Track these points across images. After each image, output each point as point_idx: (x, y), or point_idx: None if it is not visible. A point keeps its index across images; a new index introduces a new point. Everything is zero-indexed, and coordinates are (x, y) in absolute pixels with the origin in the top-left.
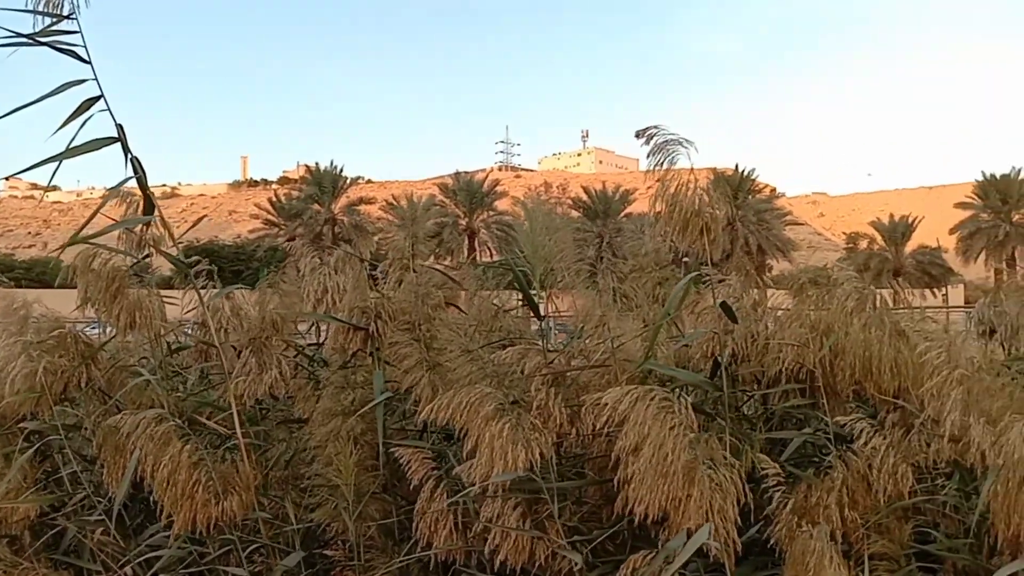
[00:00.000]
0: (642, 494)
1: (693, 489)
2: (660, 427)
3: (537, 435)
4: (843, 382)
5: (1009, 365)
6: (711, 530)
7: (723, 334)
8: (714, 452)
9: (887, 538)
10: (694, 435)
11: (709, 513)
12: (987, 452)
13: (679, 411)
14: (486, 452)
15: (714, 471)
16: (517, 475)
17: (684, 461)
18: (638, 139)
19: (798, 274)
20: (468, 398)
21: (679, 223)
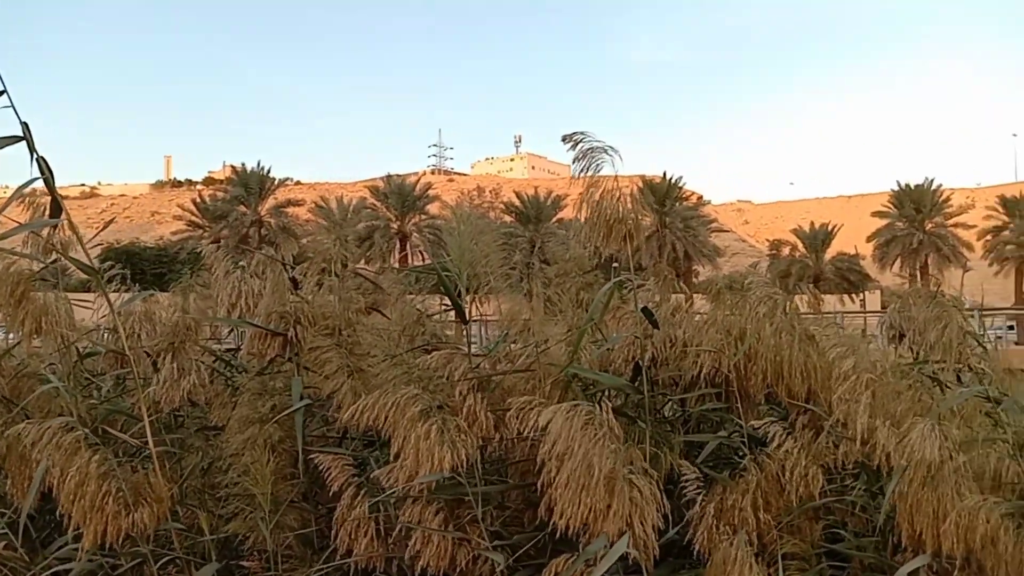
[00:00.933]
0: (564, 507)
1: (614, 500)
2: (586, 441)
3: (463, 437)
4: (756, 386)
5: (912, 368)
6: (630, 539)
7: (644, 338)
8: (635, 461)
9: (799, 538)
10: (616, 446)
11: (630, 520)
12: (892, 453)
13: (603, 422)
14: (412, 453)
15: (635, 481)
16: (442, 476)
17: (606, 472)
18: (564, 144)
19: (714, 280)
20: (394, 399)
21: (603, 229)
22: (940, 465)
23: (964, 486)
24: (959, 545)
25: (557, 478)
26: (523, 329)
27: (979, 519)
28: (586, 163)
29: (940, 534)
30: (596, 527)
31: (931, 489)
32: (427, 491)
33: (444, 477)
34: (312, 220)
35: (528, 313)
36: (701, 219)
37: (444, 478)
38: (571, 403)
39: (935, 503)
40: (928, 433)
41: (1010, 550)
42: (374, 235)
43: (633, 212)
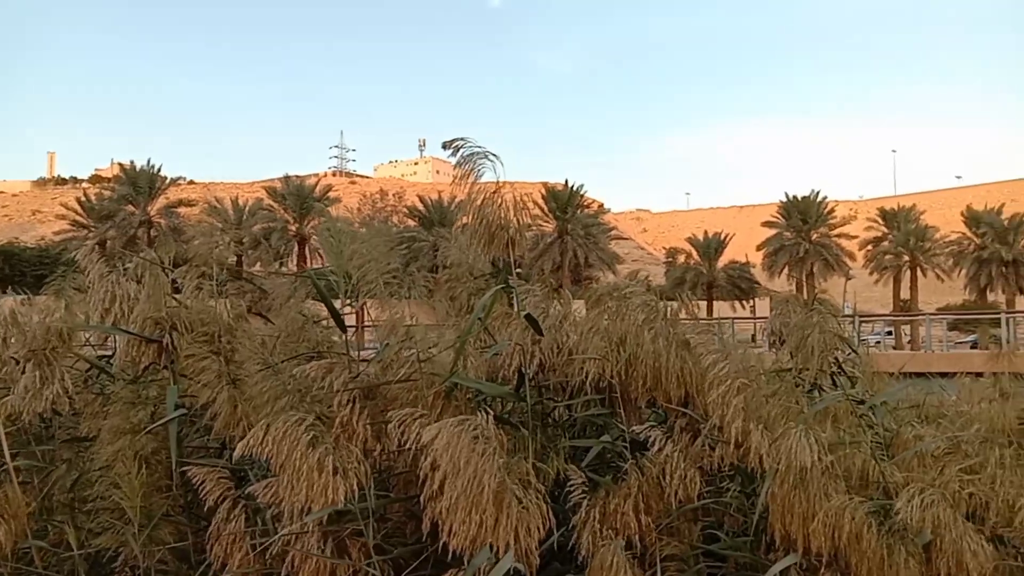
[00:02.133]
0: (454, 525)
1: (502, 514)
2: (475, 458)
3: (357, 465)
4: (637, 391)
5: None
6: (516, 551)
7: (531, 345)
8: (522, 474)
9: (678, 539)
10: (504, 460)
11: (517, 532)
12: (765, 456)
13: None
14: (304, 487)
15: (522, 494)
16: (336, 508)
17: (495, 488)
18: (446, 150)
19: (596, 287)
20: (283, 428)
21: (485, 235)
22: (810, 467)
23: (832, 487)
24: (826, 543)
25: (445, 496)
26: (405, 337)
27: (844, 518)
28: (468, 169)
29: (809, 533)
30: (483, 541)
31: (801, 490)
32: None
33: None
34: (205, 221)
35: (411, 320)
36: (601, 227)
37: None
38: (459, 418)
39: (805, 503)
40: (801, 438)
41: (872, 547)
42: (270, 237)
43: (515, 218)
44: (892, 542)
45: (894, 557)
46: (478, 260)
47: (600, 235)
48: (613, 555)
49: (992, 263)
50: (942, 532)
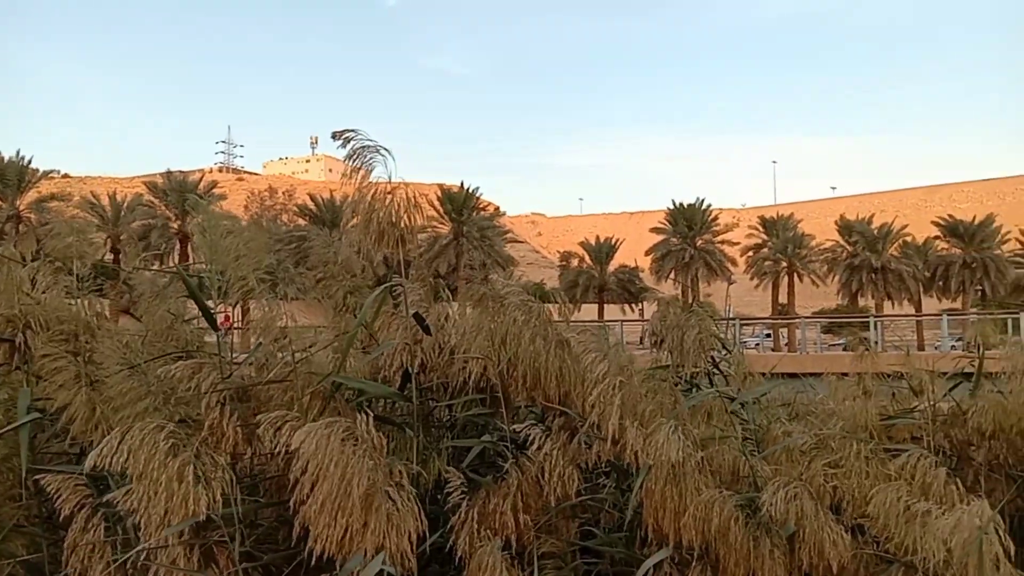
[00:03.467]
0: (319, 529)
1: (371, 517)
2: (342, 461)
3: (218, 472)
4: (518, 390)
5: (664, 371)
6: (388, 554)
7: (414, 345)
8: (395, 474)
9: (556, 537)
10: (375, 461)
11: (387, 536)
12: (639, 452)
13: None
14: (163, 497)
15: (393, 495)
16: (198, 520)
17: (364, 490)
18: (335, 141)
19: (477, 288)
20: (140, 437)
21: (375, 233)
22: (682, 462)
23: (703, 481)
24: (697, 537)
25: (311, 500)
26: (279, 336)
27: (713, 512)
28: (358, 162)
29: (680, 527)
30: (352, 546)
31: (673, 485)
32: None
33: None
34: (81, 216)
35: (291, 319)
36: (497, 229)
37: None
38: (328, 420)
39: (676, 498)
40: (671, 433)
41: (739, 539)
42: (151, 234)
43: (406, 216)
44: (758, 534)
45: (760, 548)
46: (354, 259)
47: (495, 238)
48: (489, 555)
49: (863, 270)
50: (805, 524)
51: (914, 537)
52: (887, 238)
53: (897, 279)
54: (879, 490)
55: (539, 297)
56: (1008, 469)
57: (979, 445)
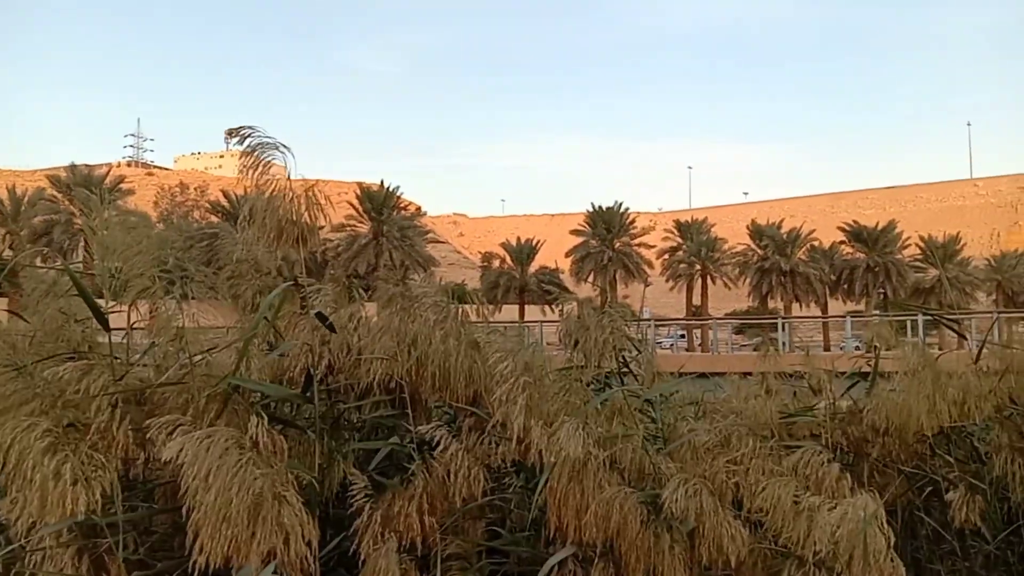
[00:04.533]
0: (204, 540)
1: (258, 527)
2: (223, 470)
3: (100, 472)
4: (427, 391)
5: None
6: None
7: (320, 345)
8: (286, 482)
9: (462, 538)
10: (264, 469)
11: (278, 545)
12: (544, 451)
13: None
14: (37, 496)
15: (287, 501)
16: (76, 520)
17: (251, 499)
18: (231, 138)
19: (388, 288)
20: (11, 435)
21: (274, 230)
22: (585, 460)
23: (606, 478)
24: (599, 534)
25: (196, 510)
26: (176, 337)
27: (614, 509)
28: (254, 159)
29: (582, 525)
30: (240, 556)
31: (576, 483)
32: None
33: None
34: None
35: (185, 320)
36: (418, 229)
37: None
38: (209, 429)
39: (579, 496)
40: (573, 431)
41: (639, 535)
42: (53, 230)
43: (307, 214)
44: (659, 530)
45: (660, 545)
46: (266, 256)
47: (416, 238)
48: (383, 558)
49: (772, 273)
50: (704, 519)
51: (802, 530)
52: (795, 242)
53: (805, 282)
54: (768, 484)
55: (457, 298)
56: (900, 465)
57: (873, 441)
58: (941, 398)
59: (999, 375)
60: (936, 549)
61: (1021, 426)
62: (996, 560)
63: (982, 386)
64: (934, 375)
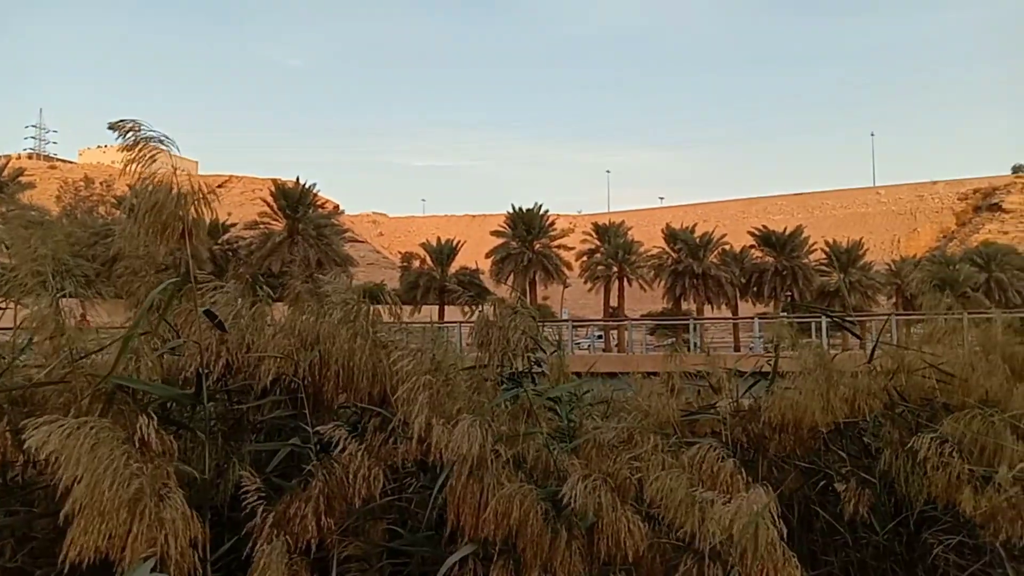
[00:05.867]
0: (76, 536)
1: (135, 524)
2: (97, 464)
3: None
4: (330, 391)
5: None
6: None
7: (217, 344)
8: (165, 480)
9: (361, 539)
10: (141, 465)
11: (159, 542)
12: (444, 450)
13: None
14: None
15: (169, 499)
16: None
17: (127, 496)
18: (113, 132)
19: (293, 285)
20: None
21: (156, 225)
22: (485, 457)
23: (506, 476)
24: (498, 531)
25: (68, 508)
26: (55, 335)
27: (513, 506)
28: (139, 153)
29: (481, 522)
30: (117, 554)
31: (476, 481)
32: None
33: None
34: None
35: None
36: (335, 228)
37: None
38: (78, 421)
39: (479, 493)
40: (471, 428)
41: (538, 531)
42: None
43: (192, 208)
44: (558, 526)
45: (558, 541)
46: (158, 252)
47: (333, 236)
48: (268, 557)
49: (686, 275)
50: (603, 515)
51: (695, 522)
52: (708, 246)
53: (716, 284)
54: (658, 477)
55: (371, 297)
56: (796, 460)
57: (771, 438)
58: (834, 396)
59: (890, 374)
60: (830, 541)
61: (910, 422)
62: (885, 551)
63: (873, 384)
64: (828, 374)
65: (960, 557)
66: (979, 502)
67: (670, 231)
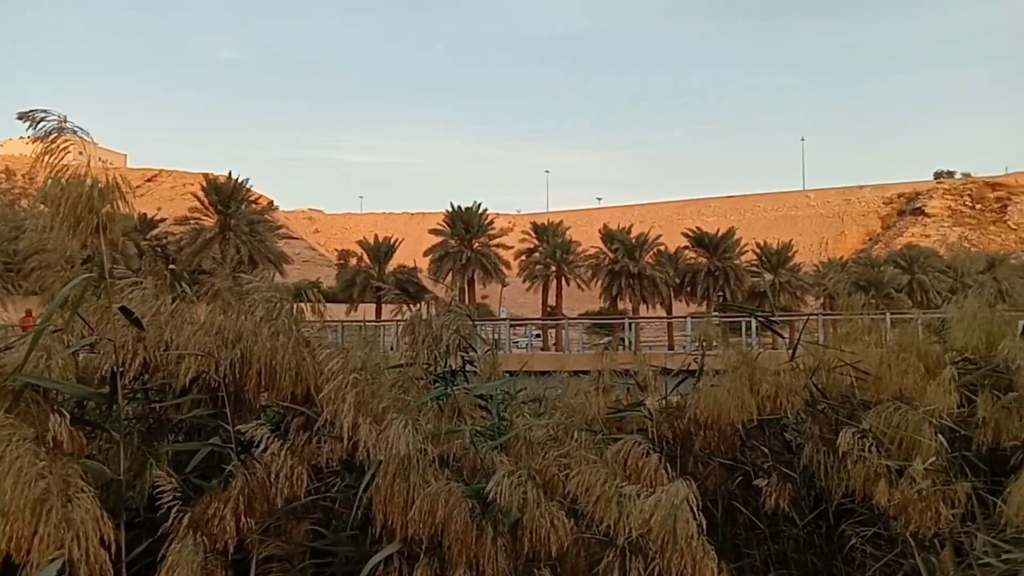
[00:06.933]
0: None
1: (41, 524)
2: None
3: None
4: (252, 389)
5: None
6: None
7: (134, 342)
8: (74, 481)
9: (283, 539)
10: (47, 464)
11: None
12: (371, 449)
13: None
14: None
15: (72, 502)
16: None
17: (34, 497)
18: (23, 122)
19: (213, 281)
20: None
21: (69, 219)
22: (411, 456)
23: (432, 474)
24: (424, 529)
25: None
26: None
27: (439, 503)
28: (50, 145)
29: (407, 521)
30: (22, 556)
31: (403, 479)
32: None
33: None
34: None
35: None
36: (269, 224)
37: None
38: None
39: (405, 492)
40: (402, 427)
41: (462, 528)
42: None
43: (108, 201)
44: (483, 523)
45: (483, 537)
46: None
47: (267, 233)
48: (179, 555)
49: (622, 275)
50: (527, 510)
51: (615, 516)
52: (644, 247)
53: (651, 284)
54: (578, 472)
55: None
56: (720, 455)
57: (696, 434)
58: (756, 393)
59: (811, 372)
60: (752, 534)
61: (830, 418)
62: (805, 543)
63: (794, 382)
64: (751, 372)
65: (876, 548)
66: (893, 495)
67: (607, 232)
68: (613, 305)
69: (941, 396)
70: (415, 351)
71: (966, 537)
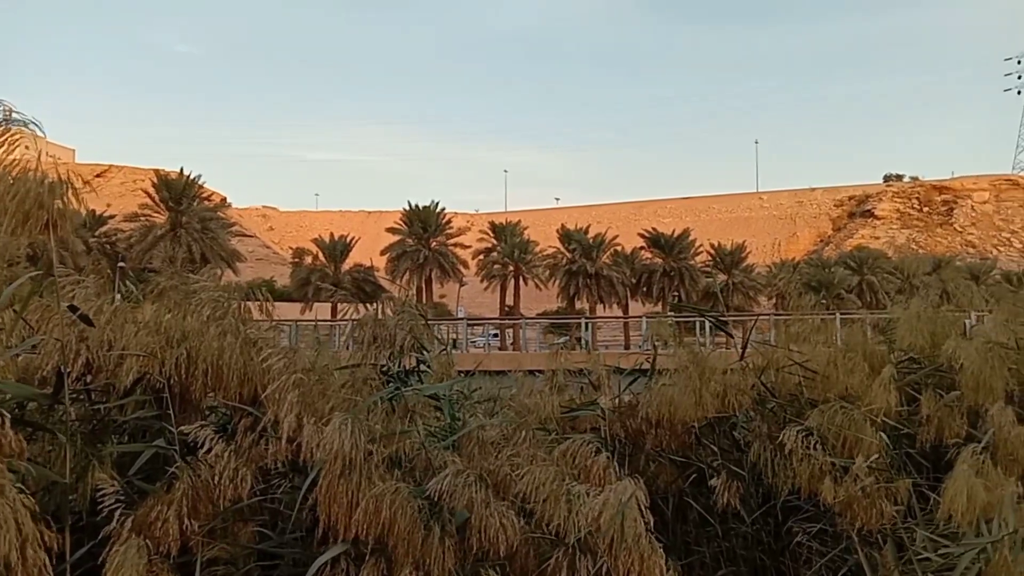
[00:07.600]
0: None
1: None
2: None
3: None
4: (198, 390)
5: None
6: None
7: (77, 342)
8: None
9: (228, 542)
10: None
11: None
12: (315, 449)
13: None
14: None
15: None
16: None
17: None
18: None
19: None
20: None
21: (18, 215)
22: (355, 456)
23: (378, 474)
24: (370, 530)
25: None
26: None
27: (384, 504)
28: None
29: (353, 522)
30: None
31: (347, 480)
32: None
33: None
34: None
35: None
36: (221, 221)
37: None
38: None
39: (350, 493)
40: (341, 426)
41: (408, 529)
42: None
43: (59, 198)
44: (430, 523)
45: (430, 537)
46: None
47: (219, 230)
48: (124, 556)
49: (579, 275)
50: (475, 510)
51: (563, 515)
52: (600, 247)
53: (608, 284)
54: (528, 471)
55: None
56: (671, 454)
57: (647, 433)
58: (706, 392)
59: (760, 371)
60: (703, 532)
61: (779, 416)
62: (753, 540)
63: (743, 381)
64: (701, 371)
65: (821, 544)
66: (838, 492)
67: (565, 232)
68: (570, 305)
69: (882, 395)
70: (365, 351)
71: (907, 533)
